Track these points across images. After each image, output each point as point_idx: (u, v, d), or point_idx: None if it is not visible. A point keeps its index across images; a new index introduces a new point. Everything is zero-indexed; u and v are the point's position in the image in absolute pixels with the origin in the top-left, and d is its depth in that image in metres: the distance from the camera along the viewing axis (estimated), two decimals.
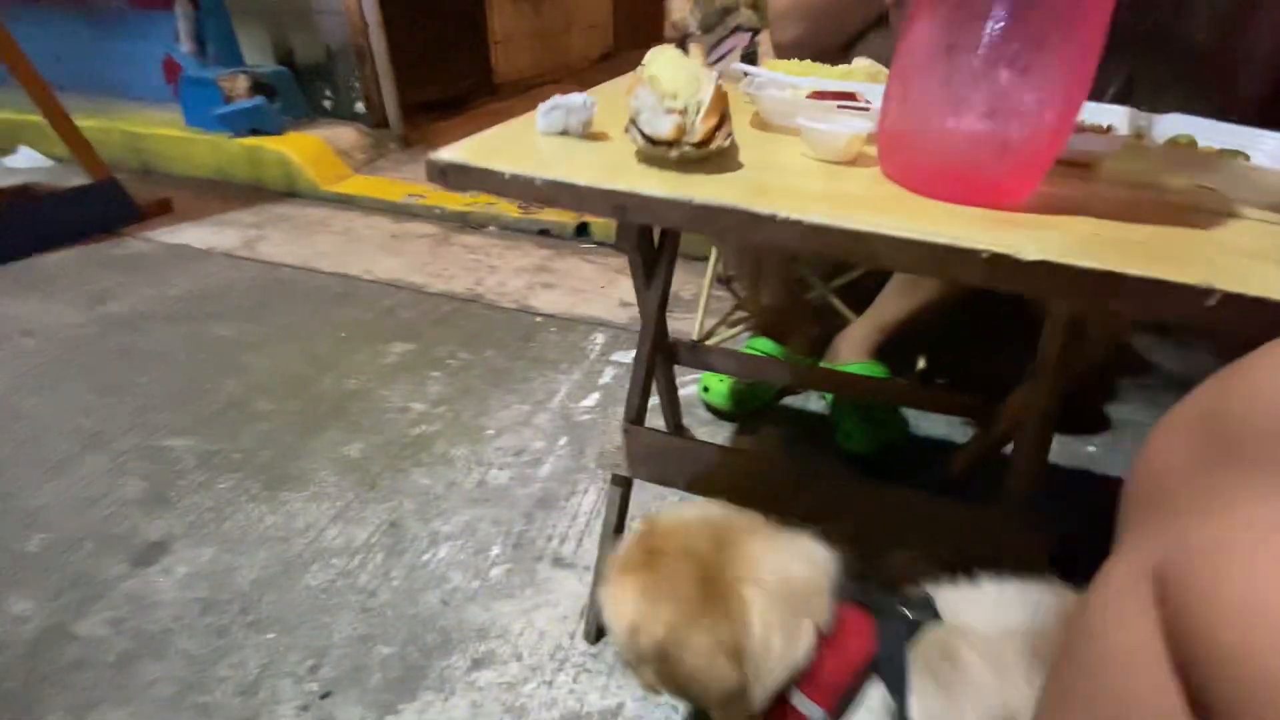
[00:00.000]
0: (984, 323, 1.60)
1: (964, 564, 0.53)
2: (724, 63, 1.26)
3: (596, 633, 0.84)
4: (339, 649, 0.82)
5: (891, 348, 1.24)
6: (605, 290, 1.85)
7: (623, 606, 0.51)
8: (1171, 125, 0.70)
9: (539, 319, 1.65)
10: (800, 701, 0.48)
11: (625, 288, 1.86)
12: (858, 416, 1.19)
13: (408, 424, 1.22)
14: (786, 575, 0.50)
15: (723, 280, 1.90)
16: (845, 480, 0.69)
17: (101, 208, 2.06)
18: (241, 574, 0.91)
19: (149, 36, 2.89)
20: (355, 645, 0.83)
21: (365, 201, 2.43)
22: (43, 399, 1.26)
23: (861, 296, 1.45)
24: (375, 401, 1.28)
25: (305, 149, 2.53)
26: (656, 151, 0.52)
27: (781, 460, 1.19)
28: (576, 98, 0.57)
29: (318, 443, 1.16)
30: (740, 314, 1.70)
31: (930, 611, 0.49)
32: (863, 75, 0.75)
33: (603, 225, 2.18)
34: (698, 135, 0.52)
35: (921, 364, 1.40)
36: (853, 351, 1.26)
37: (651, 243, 0.77)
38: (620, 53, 6.38)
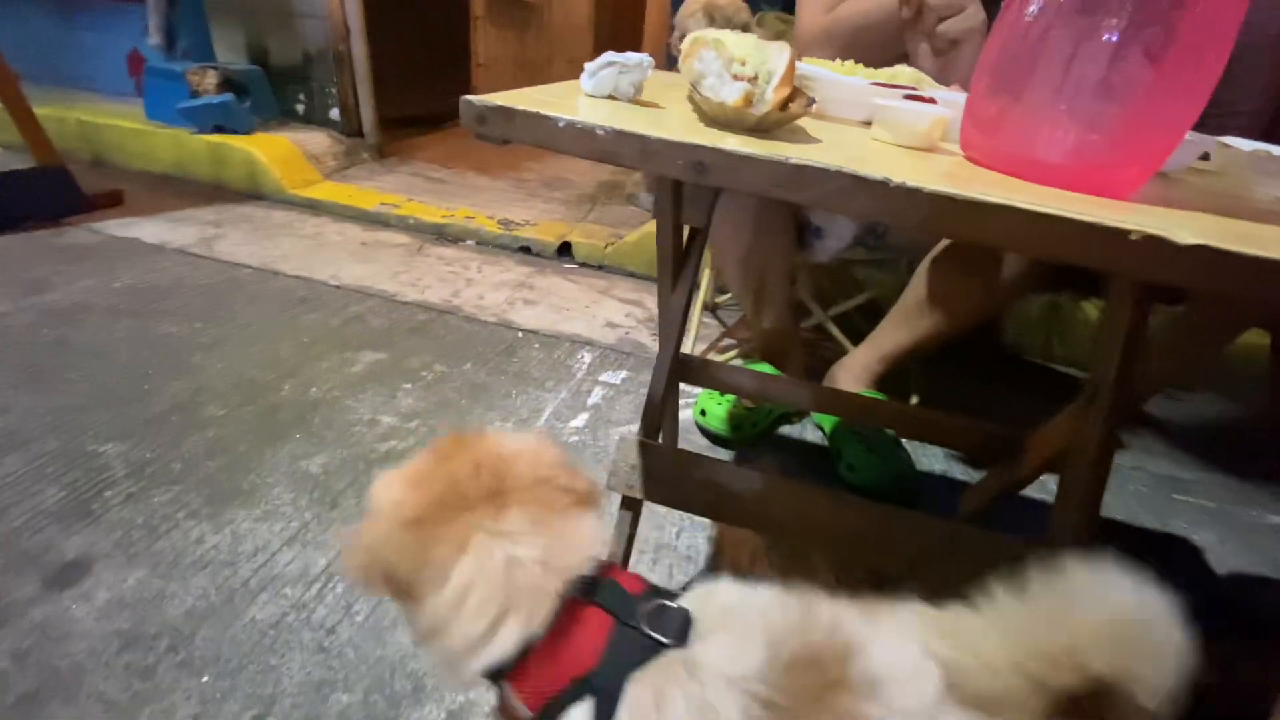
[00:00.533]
0: (968, 358, 1.60)
1: None
2: None
3: None
4: (289, 697, 0.69)
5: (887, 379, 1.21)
6: (590, 309, 1.77)
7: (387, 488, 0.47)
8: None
9: (521, 334, 1.56)
10: (510, 696, 0.44)
11: (610, 308, 1.80)
12: (861, 447, 1.14)
13: (376, 438, 1.11)
14: (525, 555, 0.44)
15: (708, 308, 1.86)
16: (890, 511, 0.62)
17: (46, 194, 1.89)
18: (174, 603, 0.77)
19: (115, 29, 2.75)
20: (309, 692, 0.70)
21: (334, 208, 2.31)
22: None
23: (851, 326, 1.43)
24: (341, 412, 1.16)
25: (274, 150, 2.40)
26: (729, 113, 0.45)
27: (817, 489, 1.12)
28: (632, 55, 0.50)
29: (274, 455, 1.03)
30: (729, 340, 1.65)
31: (680, 633, 0.42)
32: (908, 78, 0.72)
33: (586, 246, 2.12)
34: (769, 104, 0.46)
35: (915, 398, 1.37)
36: (853, 380, 1.21)
37: (681, 240, 0.70)
38: None
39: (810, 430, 1.28)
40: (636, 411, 1.29)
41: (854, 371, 1.20)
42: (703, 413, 1.21)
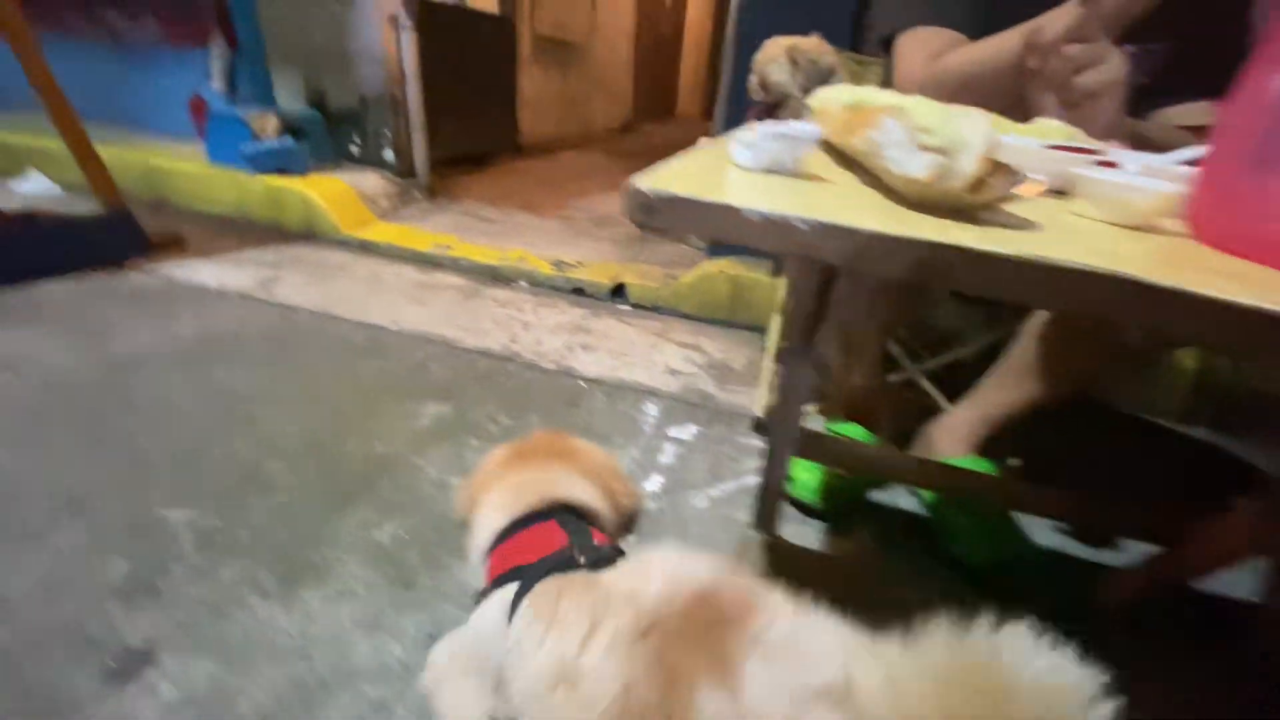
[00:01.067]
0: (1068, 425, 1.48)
1: None
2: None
3: None
4: None
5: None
6: (649, 355, 1.71)
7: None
8: None
9: (583, 383, 1.50)
10: (483, 566, 0.59)
11: (670, 352, 1.73)
12: (972, 520, 1.04)
13: (447, 503, 1.05)
14: (536, 478, 0.62)
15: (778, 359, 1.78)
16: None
17: (110, 238, 1.92)
18: (245, 700, 0.71)
19: (177, 74, 2.85)
20: None
21: (388, 249, 2.31)
22: (18, 451, 1.07)
23: (946, 383, 1.33)
24: (408, 473, 1.11)
25: (329, 191, 2.43)
26: (934, 194, 0.39)
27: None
28: (800, 125, 0.44)
29: (343, 523, 0.98)
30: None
31: (603, 561, 0.53)
32: (1060, 134, 0.64)
33: (640, 289, 2.07)
34: (966, 179, 0.40)
35: (1014, 461, 1.26)
36: (953, 444, 1.11)
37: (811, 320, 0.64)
38: (639, 125, 6.55)
39: (904, 496, 1.18)
40: (712, 472, 1.21)
41: (957, 433, 1.11)
42: (791, 480, 1.13)
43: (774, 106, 1.26)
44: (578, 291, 2.13)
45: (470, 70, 3.39)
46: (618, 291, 2.11)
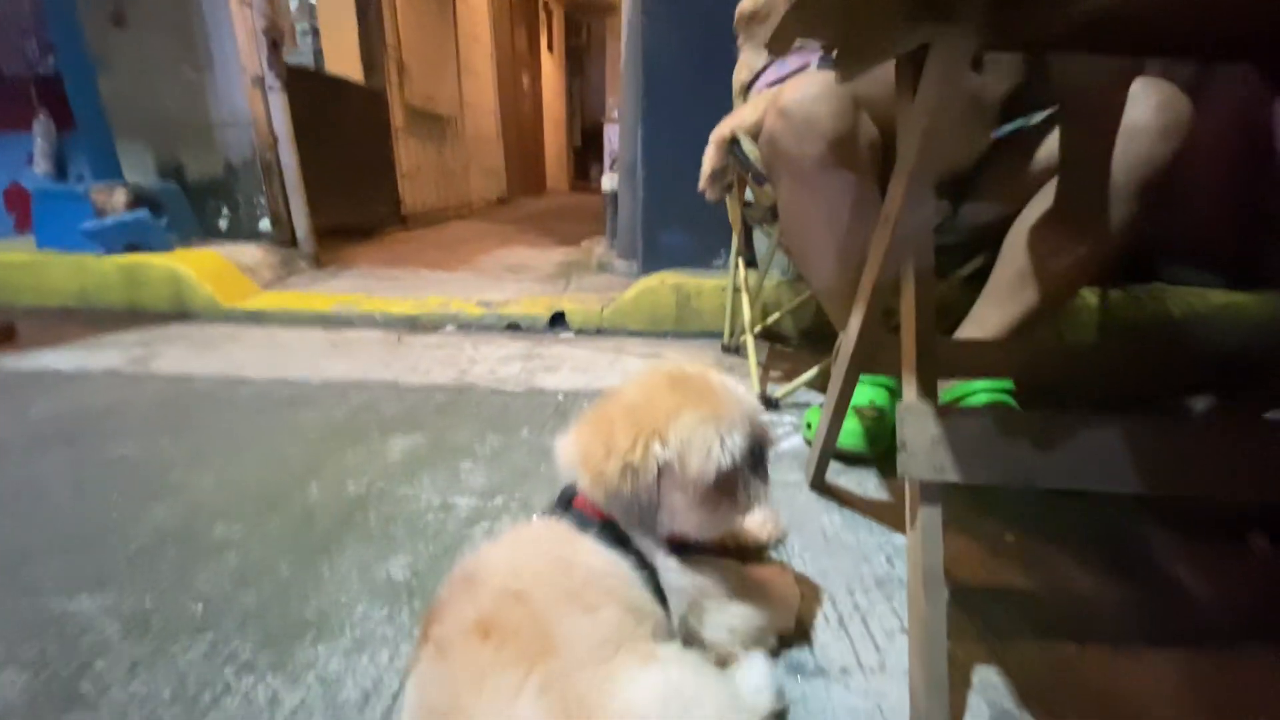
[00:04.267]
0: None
1: None
2: None
3: None
4: None
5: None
6: (615, 367, 1.60)
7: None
8: None
9: (560, 396, 1.35)
10: None
11: (634, 364, 1.63)
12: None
13: (461, 523, 0.84)
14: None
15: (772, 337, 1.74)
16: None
17: None
18: None
19: None
20: None
21: (284, 315, 2.03)
22: None
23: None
24: (399, 504, 0.89)
25: (202, 264, 2.12)
26: None
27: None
28: None
29: (334, 568, 0.75)
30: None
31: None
32: None
33: (581, 313, 1.97)
34: None
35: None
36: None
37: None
38: (514, 198, 6.59)
39: None
40: None
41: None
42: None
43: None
44: (513, 327, 1.98)
45: (345, 139, 3.23)
46: (556, 321, 1.99)
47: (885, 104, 1.01)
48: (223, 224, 2.52)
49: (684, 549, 0.56)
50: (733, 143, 1.29)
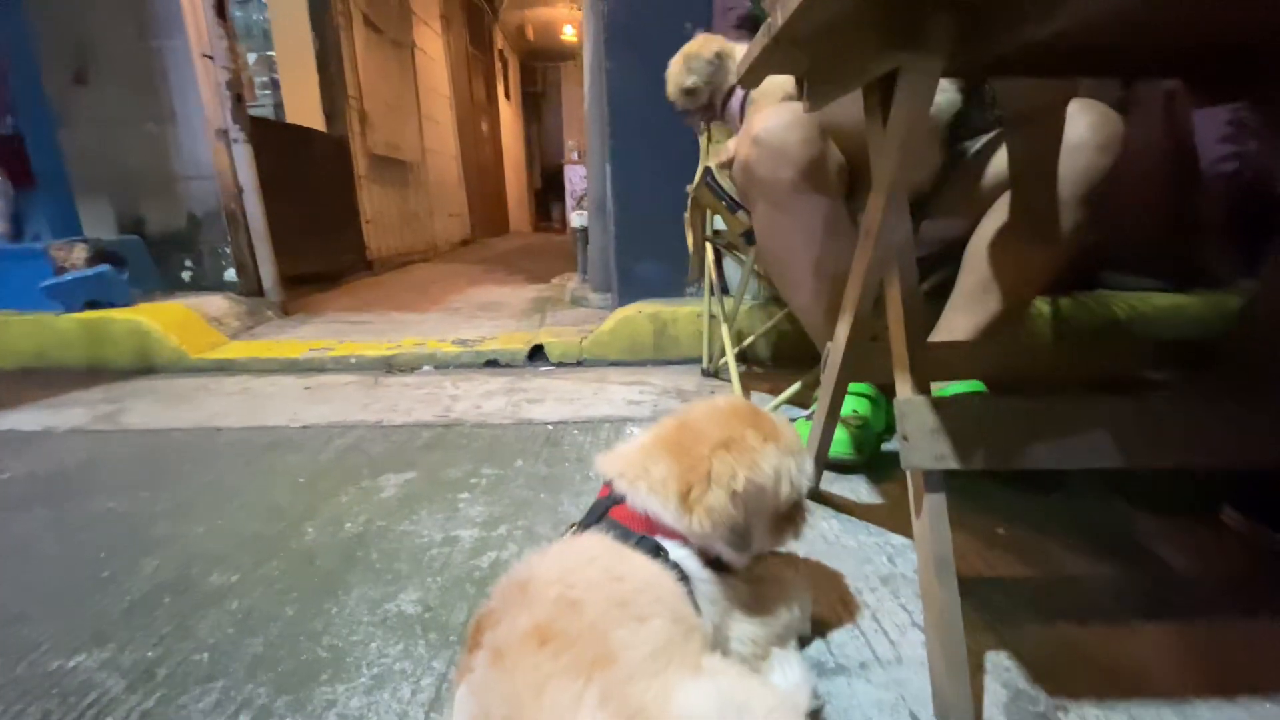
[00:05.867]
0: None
1: None
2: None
3: None
4: None
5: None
6: (600, 396, 1.61)
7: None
8: None
9: (550, 426, 1.36)
10: None
11: (618, 391, 1.65)
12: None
13: (467, 554, 0.84)
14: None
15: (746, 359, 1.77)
16: None
17: None
18: None
19: None
20: None
21: (254, 364, 1.99)
22: None
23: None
24: (400, 540, 0.88)
25: (167, 316, 2.07)
26: None
27: None
28: None
29: (342, 607, 0.73)
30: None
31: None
32: None
33: (560, 346, 1.99)
34: None
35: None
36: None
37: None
38: (479, 239, 6.62)
39: None
40: None
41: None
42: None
43: (707, 108, 1.33)
44: (492, 364, 1.98)
45: (309, 187, 3.22)
46: (535, 355, 2.00)
47: (849, 130, 1.08)
48: (186, 276, 2.47)
49: (715, 564, 0.57)
50: (706, 173, 1.35)
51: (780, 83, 1.18)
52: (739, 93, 1.29)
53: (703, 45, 1.31)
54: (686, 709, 0.40)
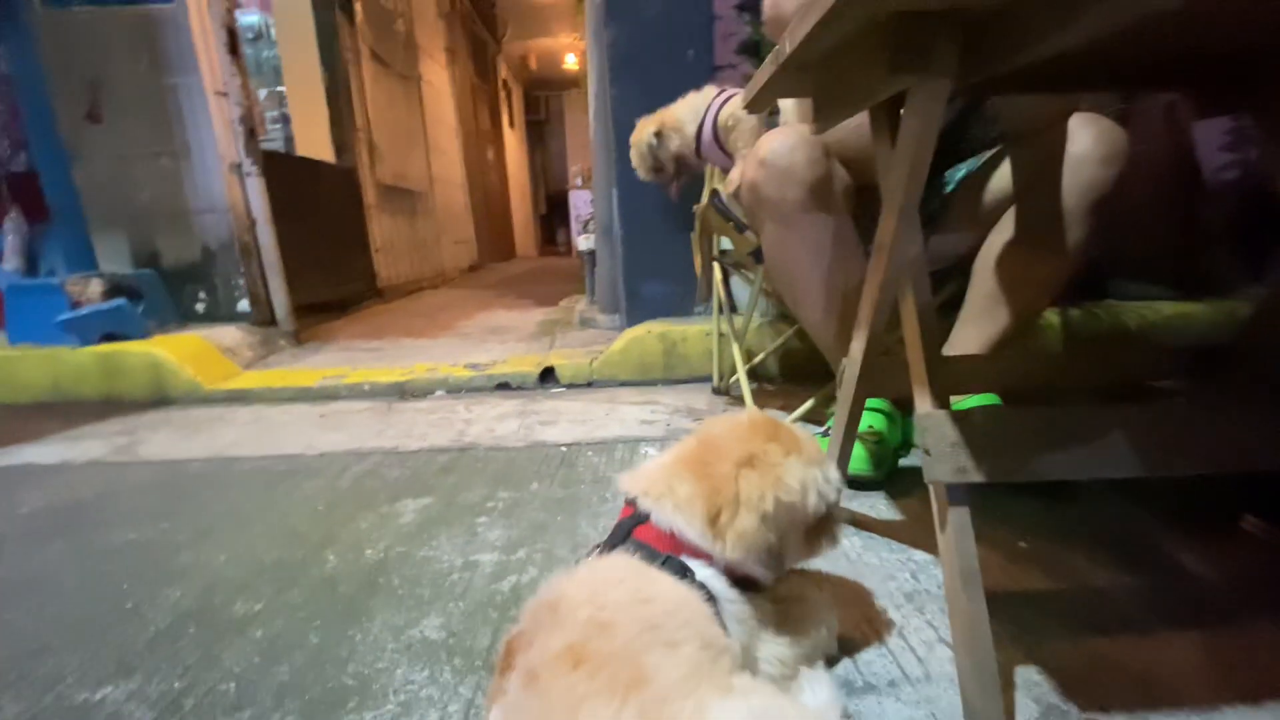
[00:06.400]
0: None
1: None
2: None
3: None
4: None
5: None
6: (613, 416, 1.61)
7: None
8: None
9: (564, 448, 1.36)
10: None
11: (631, 411, 1.65)
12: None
13: (488, 579, 0.84)
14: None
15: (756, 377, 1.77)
16: None
17: None
18: None
19: None
20: None
21: (268, 393, 2.01)
22: None
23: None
24: (421, 566, 0.88)
25: (182, 348, 2.10)
26: None
27: None
28: None
29: (366, 634, 0.74)
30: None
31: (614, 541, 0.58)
32: None
33: (570, 367, 2.00)
34: None
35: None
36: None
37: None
38: (486, 265, 6.69)
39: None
40: None
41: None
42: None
43: (681, 170, 1.36)
44: (503, 387, 1.99)
45: (319, 217, 3.28)
46: (546, 377, 2.01)
47: (854, 150, 1.10)
48: (200, 307, 2.51)
49: (741, 582, 0.57)
50: (714, 195, 1.37)
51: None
52: (707, 126, 1.31)
53: (640, 132, 1.35)
54: None
